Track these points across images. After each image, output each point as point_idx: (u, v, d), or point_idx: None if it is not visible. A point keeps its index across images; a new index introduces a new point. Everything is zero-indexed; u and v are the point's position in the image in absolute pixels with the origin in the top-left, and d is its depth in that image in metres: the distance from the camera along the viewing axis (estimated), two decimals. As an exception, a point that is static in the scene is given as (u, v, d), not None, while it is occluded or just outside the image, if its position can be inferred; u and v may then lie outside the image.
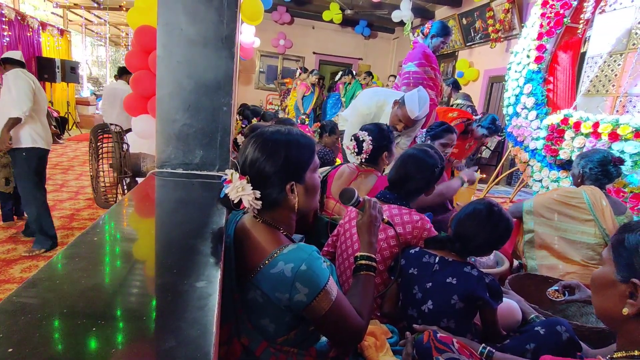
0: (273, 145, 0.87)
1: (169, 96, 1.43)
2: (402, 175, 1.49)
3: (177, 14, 1.38)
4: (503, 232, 1.26)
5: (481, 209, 1.26)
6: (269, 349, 0.86)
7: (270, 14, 8.69)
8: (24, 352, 0.43)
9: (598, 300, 0.80)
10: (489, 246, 1.29)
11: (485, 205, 1.27)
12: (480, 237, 1.24)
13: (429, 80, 3.11)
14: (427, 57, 3.11)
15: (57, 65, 7.60)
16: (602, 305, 0.79)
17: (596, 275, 0.81)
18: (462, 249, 1.27)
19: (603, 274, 0.78)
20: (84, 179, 4.93)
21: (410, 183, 1.48)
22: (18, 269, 2.53)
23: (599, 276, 0.80)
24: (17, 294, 0.54)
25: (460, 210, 1.33)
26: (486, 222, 1.24)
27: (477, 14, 6.34)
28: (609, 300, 0.76)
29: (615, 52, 2.99)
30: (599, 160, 1.91)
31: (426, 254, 1.30)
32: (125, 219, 1.01)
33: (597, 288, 0.80)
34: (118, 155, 1.80)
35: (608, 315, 0.78)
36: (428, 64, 3.11)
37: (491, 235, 1.25)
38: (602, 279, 0.78)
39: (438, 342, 0.96)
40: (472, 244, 1.26)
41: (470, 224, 1.25)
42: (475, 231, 1.24)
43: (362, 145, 1.81)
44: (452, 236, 1.29)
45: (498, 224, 1.25)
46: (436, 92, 3.23)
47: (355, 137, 1.86)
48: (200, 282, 0.64)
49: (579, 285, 1.40)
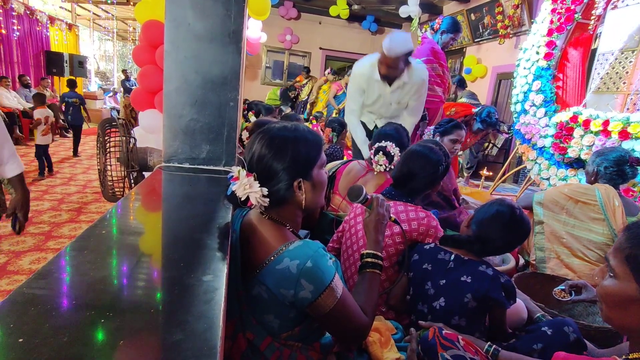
0: (280, 141, 0.87)
1: (176, 91, 1.43)
2: (406, 172, 1.47)
3: (185, 9, 1.38)
4: (523, 235, 1.27)
5: (504, 212, 1.24)
6: (274, 343, 0.87)
7: (277, 9, 8.65)
8: (34, 343, 0.44)
9: (615, 314, 0.76)
10: (506, 247, 1.30)
11: (507, 208, 1.25)
12: (501, 240, 1.24)
13: (436, 77, 3.08)
14: (435, 53, 3.08)
15: (65, 60, 7.67)
16: (624, 321, 0.75)
17: (611, 291, 0.76)
18: (481, 250, 1.27)
19: (621, 290, 0.74)
20: (92, 172, 4.97)
21: (414, 181, 1.46)
22: (27, 260, 2.57)
23: (616, 293, 0.75)
24: (27, 285, 0.55)
25: (480, 211, 1.31)
26: (509, 225, 1.23)
27: (485, 9, 6.25)
28: (634, 316, 0.72)
29: (626, 49, 2.94)
30: (615, 159, 1.86)
31: (442, 251, 1.30)
32: (132, 212, 1.02)
33: (616, 304, 0.76)
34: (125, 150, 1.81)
35: (629, 328, 0.75)
36: (436, 60, 3.08)
37: (512, 237, 1.25)
38: (621, 296, 0.74)
39: (443, 339, 0.96)
40: (492, 246, 1.25)
41: (493, 226, 1.24)
42: (498, 234, 1.23)
43: (393, 159, 1.79)
44: (473, 237, 1.27)
45: (521, 228, 1.25)
46: (443, 89, 3.21)
47: (385, 151, 1.82)
48: (207, 276, 0.64)
49: (585, 285, 1.39)
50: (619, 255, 0.74)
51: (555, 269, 1.89)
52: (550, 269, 1.90)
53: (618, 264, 0.74)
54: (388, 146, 1.81)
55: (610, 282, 0.76)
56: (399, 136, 1.84)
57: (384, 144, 1.82)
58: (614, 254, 0.76)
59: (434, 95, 3.12)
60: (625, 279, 0.73)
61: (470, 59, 6.91)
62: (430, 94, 3.11)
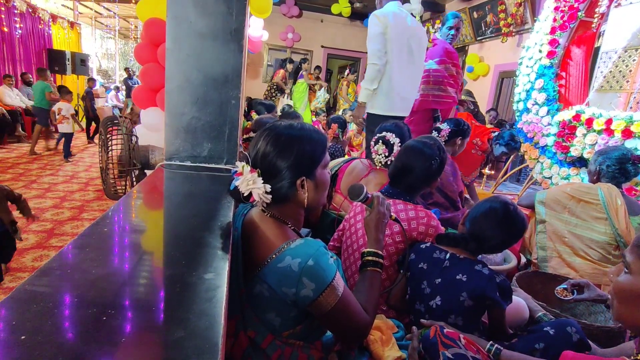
0: (286, 139, 0.87)
1: (177, 89, 1.43)
2: (400, 167, 1.45)
3: (187, 7, 1.38)
4: (518, 231, 1.24)
5: (497, 208, 1.23)
6: (275, 341, 0.87)
7: (278, 7, 8.63)
8: (36, 340, 0.44)
9: (627, 311, 0.76)
10: (502, 245, 1.27)
11: (501, 204, 1.24)
12: (496, 237, 1.22)
13: (449, 78, 3.07)
14: (449, 53, 3.07)
15: (67, 58, 7.67)
16: (634, 317, 0.74)
17: (624, 286, 0.76)
18: (477, 249, 1.26)
19: (634, 285, 0.74)
20: (94, 170, 4.99)
21: (409, 176, 1.44)
22: (30, 257, 2.58)
23: (629, 288, 0.75)
24: (29, 282, 0.55)
25: (473, 208, 1.30)
26: (503, 222, 1.22)
27: (488, 7, 6.23)
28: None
29: (630, 47, 2.92)
30: (617, 158, 1.85)
31: (437, 250, 1.29)
32: (134, 210, 1.02)
33: (627, 300, 0.75)
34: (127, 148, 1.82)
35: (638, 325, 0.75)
36: (449, 60, 3.07)
37: (507, 234, 1.23)
38: (633, 290, 0.74)
39: (445, 338, 0.96)
40: (487, 244, 1.23)
41: (487, 223, 1.23)
42: (492, 231, 1.22)
43: (393, 148, 1.78)
44: (467, 235, 1.26)
45: (515, 224, 1.23)
46: (456, 88, 3.20)
47: (385, 140, 1.81)
48: (209, 274, 0.64)
49: (588, 284, 1.38)
50: (636, 252, 0.75)
51: (557, 267, 1.89)
52: (552, 268, 1.90)
53: (635, 260, 0.75)
54: (388, 135, 1.81)
55: (625, 277, 0.76)
56: (399, 131, 1.84)
57: (384, 134, 1.81)
58: (630, 250, 0.76)
59: (447, 96, 3.10)
60: (638, 274, 0.73)
61: (472, 57, 6.89)
62: (444, 95, 3.10)
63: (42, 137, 5.96)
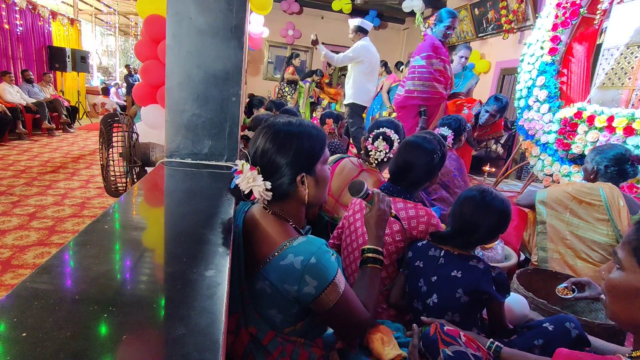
0: (285, 136, 0.87)
1: (178, 86, 1.43)
2: (401, 164, 1.44)
3: (187, 3, 1.37)
4: (501, 215, 1.19)
5: (473, 196, 1.21)
6: (276, 338, 0.87)
7: (279, 4, 8.61)
8: (37, 337, 0.44)
9: (620, 308, 0.76)
10: (491, 233, 1.22)
11: (477, 191, 1.21)
12: (480, 225, 1.19)
13: (435, 73, 3.06)
14: (436, 48, 3.06)
15: (67, 55, 7.65)
16: (627, 314, 0.74)
17: (616, 283, 0.76)
18: (465, 243, 1.23)
19: (626, 282, 0.74)
20: (95, 167, 4.99)
21: (412, 172, 1.42)
22: (31, 254, 2.58)
23: (621, 284, 0.75)
24: (30, 279, 0.55)
25: (453, 204, 1.28)
26: (481, 207, 1.18)
27: (489, 4, 6.19)
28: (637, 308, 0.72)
29: (632, 44, 2.90)
30: (615, 158, 1.82)
31: (432, 247, 1.29)
32: (135, 207, 1.02)
33: (620, 296, 0.75)
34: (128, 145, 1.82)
35: (634, 324, 0.75)
36: (436, 55, 3.06)
37: (490, 220, 1.19)
38: (625, 287, 0.74)
39: (445, 335, 0.96)
40: (474, 235, 1.20)
41: (466, 213, 1.20)
42: (474, 220, 1.19)
43: (393, 144, 1.77)
44: (452, 231, 1.24)
45: (494, 206, 1.18)
46: (445, 84, 3.18)
47: (385, 136, 1.77)
48: (210, 271, 0.64)
49: (589, 282, 1.38)
50: (627, 248, 0.75)
51: (558, 270, 1.87)
52: (552, 269, 1.89)
53: (626, 256, 0.75)
54: (387, 131, 1.79)
55: (617, 274, 0.77)
56: (395, 127, 1.83)
57: (383, 130, 1.80)
58: (622, 247, 0.77)
59: (434, 92, 3.10)
60: (632, 271, 0.73)
61: (473, 54, 6.85)
62: (430, 91, 3.10)
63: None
